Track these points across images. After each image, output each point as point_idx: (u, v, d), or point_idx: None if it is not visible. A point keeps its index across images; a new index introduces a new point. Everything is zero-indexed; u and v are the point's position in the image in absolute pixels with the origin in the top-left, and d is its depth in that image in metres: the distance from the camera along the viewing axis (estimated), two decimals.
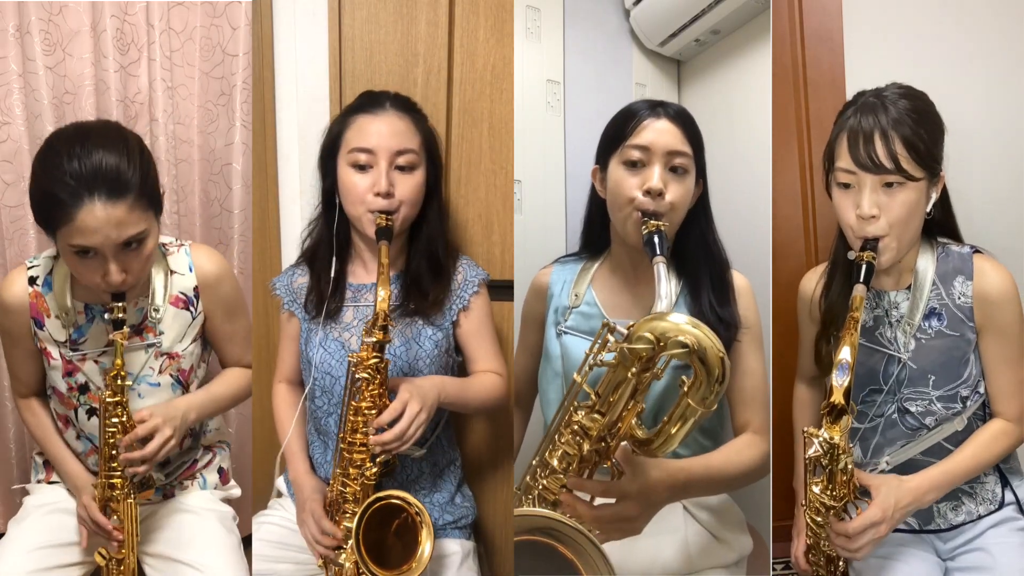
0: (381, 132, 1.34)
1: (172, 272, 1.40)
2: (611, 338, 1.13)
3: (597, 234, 1.45)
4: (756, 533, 1.47)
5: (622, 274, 1.40)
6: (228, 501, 1.56)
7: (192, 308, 1.42)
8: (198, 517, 1.48)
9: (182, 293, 1.41)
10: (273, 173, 1.66)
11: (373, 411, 1.25)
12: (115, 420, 1.30)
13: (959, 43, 1.77)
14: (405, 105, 1.40)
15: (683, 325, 1.05)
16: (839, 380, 1.13)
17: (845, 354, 1.14)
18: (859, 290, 1.20)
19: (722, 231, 1.41)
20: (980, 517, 1.35)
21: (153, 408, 1.34)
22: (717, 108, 1.95)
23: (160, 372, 1.41)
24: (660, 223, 1.24)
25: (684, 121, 1.31)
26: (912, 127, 1.22)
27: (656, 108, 1.31)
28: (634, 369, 1.08)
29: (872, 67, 1.78)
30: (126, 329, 1.28)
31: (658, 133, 1.29)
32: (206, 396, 1.45)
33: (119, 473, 1.32)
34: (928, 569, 1.33)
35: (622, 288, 1.40)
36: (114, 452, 1.31)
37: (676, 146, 1.29)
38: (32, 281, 1.36)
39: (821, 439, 1.14)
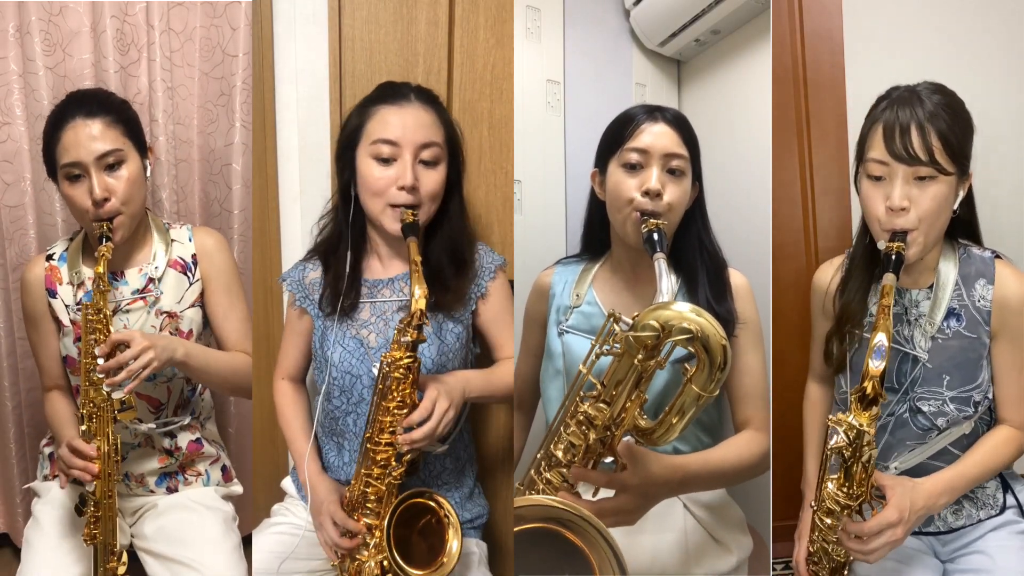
0: (406, 124, 1.32)
1: (173, 241, 1.51)
2: (616, 328, 1.15)
3: (597, 236, 1.46)
4: (756, 533, 1.47)
5: (622, 274, 1.41)
6: (229, 498, 1.56)
7: (190, 274, 1.50)
8: (199, 515, 1.48)
9: (180, 258, 1.50)
10: (273, 173, 1.66)
11: (403, 410, 1.23)
12: (97, 328, 1.33)
13: (960, 43, 1.77)
14: (429, 97, 1.37)
15: (687, 313, 1.08)
16: (875, 364, 1.11)
17: (881, 339, 1.12)
18: (889, 279, 1.19)
19: (722, 231, 1.41)
20: (980, 521, 1.35)
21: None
22: (717, 108, 1.95)
23: (160, 329, 1.46)
24: (659, 222, 1.27)
25: (680, 125, 1.34)
26: (947, 121, 1.22)
27: (654, 112, 1.34)
28: (640, 356, 1.10)
29: (872, 67, 1.78)
30: (110, 243, 1.37)
31: (655, 136, 1.31)
32: (201, 348, 1.46)
33: (99, 390, 1.33)
34: (927, 572, 1.33)
35: (623, 288, 1.41)
36: (95, 365, 1.32)
37: (673, 148, 1.31)
38: (49, 258, 1.50)
39: (847, 426, 1.12)
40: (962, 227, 1.35)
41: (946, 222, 1.28)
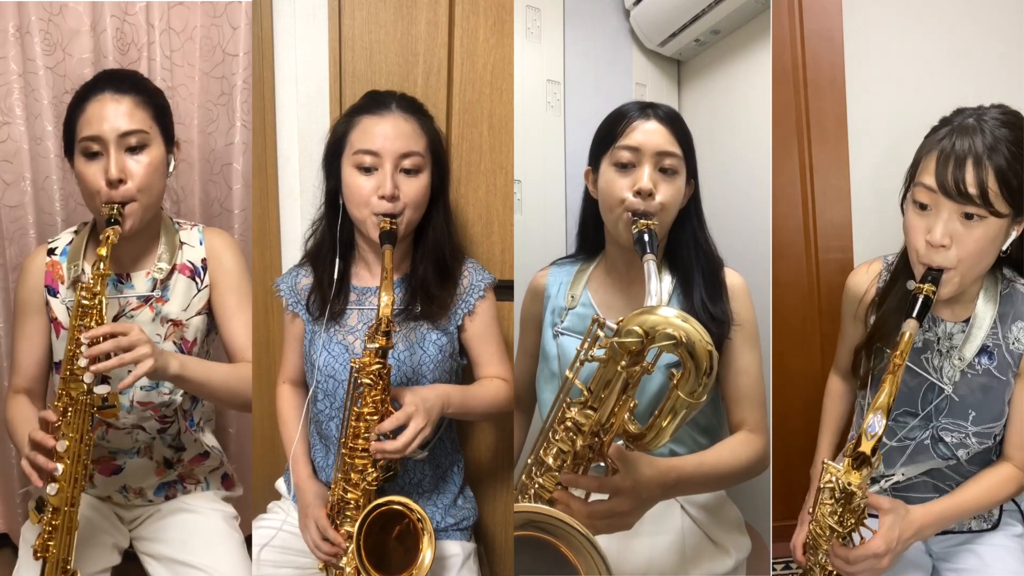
0: (386, 134, 1.33)
1: (183, 244, 1.46)
2: (601, 333, 1.13)
3: (591, 236, 1.45)
4: (756, 533, 1.47)
5: (616, 275, 1.40)
6: (229, 500, 1.56)
7: (198, 279, 1.45)
8: (202, 516, 1.48)
9: (190, 262, 1.45)
10: (273, 173, 1.66)
11: (375, 417, 1.24)
12: (89, 313, 1.22)
13: (959, 44, 1.77)
14: (411, 106, 1.38)
15: (672, 318, 1.05)
16: (872, 430, 1.07)
17: (883, 403, 1.07)
18: (910, 326, 1.12)
19: (722, 231, 1.41)
20: (971, 531, 1.35)
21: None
22: (717, 108, 1.95)
23: (164, 339, 1.42)
24: (650, 222, 1.24)
25: (673, 122, 1.31)
26: (1008, 159, 1.13)
27: (646, 110, 1.31)
28: (623, 363, 1.08)
29: (872, 67, 1.78)
30: (117, 227, 1.28)
31: (647, 134, 1.29)
32: (200, 362, 1.38)
33: (80, 382, 1.20)
34: (917, 569, 1.33)
35: (617, 289, 1.40)
36: (79, 353, 1.20)
37: (665, 147, 1.29)
38: (51, 252, 1.43)
39: (837, 479, 1.11)
40: (1011, 261, 1.28)
41: (990, 263, 1.21)
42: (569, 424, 1.15)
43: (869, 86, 1.78)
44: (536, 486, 1.18)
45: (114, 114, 1.30)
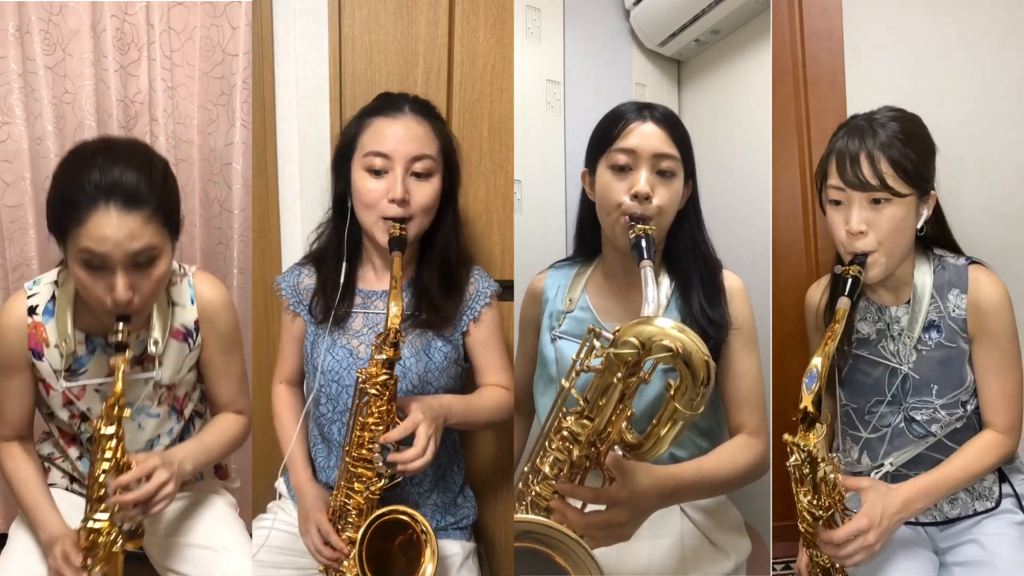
0: (398, 136, 1.31)
1: (174, 304, 1.36)
2: (597, 343, 1.12)
3: (589, 238, 1.43)
4: (756, 533, 1.47)
5: (614, 279, 1.39)
6: (227, 490, 1.54)
7: (191, 340, 1.38)
8: (201, 499, 1.46)
9: (183, 326, 1.37)
10: (273, 173, 1.66)
11: (380, 427, 1.23)
12: (108, 456, 1.19)
13: (959, 44, 1.77)
14: (424, 109, 1.36)
15: (668, 329, 1.04)
16: (808, 387, 1.13)
17: (816, 362, 1.14)
18: (843, 303, 1.21)
19: (722, 232, 1.41)
20: (976, 512, 1.36)
21: (151, 453, 1.30)
22: (717, 108, 1.95)
23: (159, 403, 1.39)
24: (647, 227, 1.23)
25: (671, 123, 1.29)
26: (900, 148, 1.25)
27: (642, 111, 1.29)
28: (620, 374, 1.08)
29: (872, 67, 1.78)
30: (128, 354, 1.20)
31: (644, 137, 1.27)
32: (198, 446, 1.38)
33: (106, 517, 1.21)
34: (922, 564, 1.34)
35: (615, 293, 1.39)
36: (103, 492, 1.20)
37: (662, 149, 1.27)
38: (32, 311, 1.32)
39: (797, 448, 1.14)
40: (936, 241, 1.37)
41: (909, 241, 1.31)
42: (565, 434, 1.14)
43: (869, 86, 1.78)
44: (533, 494, 1.17)
45: (123, 235, 1.14)
